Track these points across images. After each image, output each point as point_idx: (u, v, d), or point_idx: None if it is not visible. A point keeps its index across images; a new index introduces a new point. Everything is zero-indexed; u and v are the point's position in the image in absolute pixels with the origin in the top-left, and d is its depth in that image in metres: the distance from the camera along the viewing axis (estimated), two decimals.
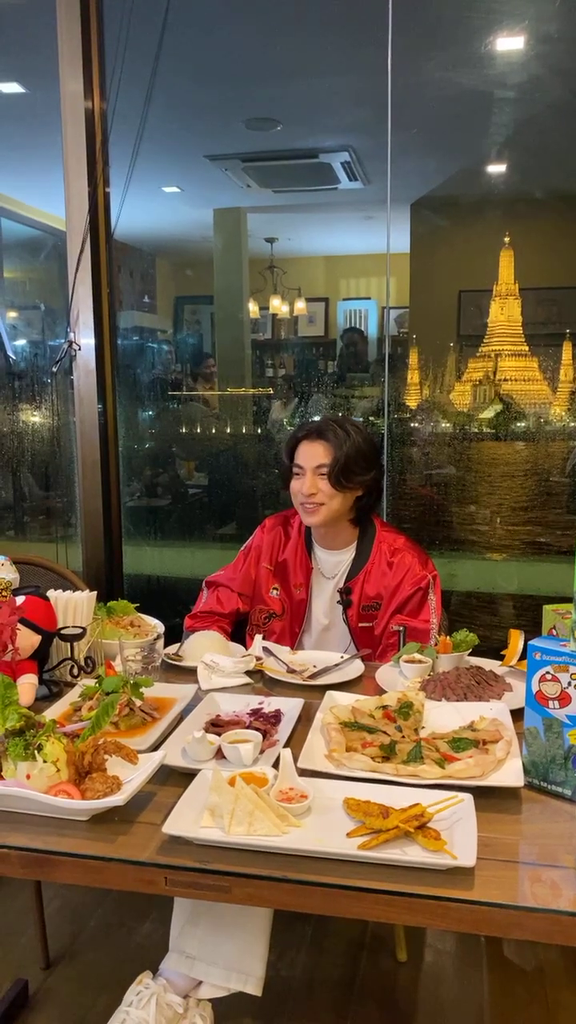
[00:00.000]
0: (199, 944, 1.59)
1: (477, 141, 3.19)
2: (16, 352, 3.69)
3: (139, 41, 2.71)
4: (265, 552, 2.25)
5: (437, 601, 2.05)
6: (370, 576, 2.12)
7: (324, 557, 2.20)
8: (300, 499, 2.09)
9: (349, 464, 2.04)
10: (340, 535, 2.17)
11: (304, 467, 2.08)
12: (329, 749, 1.43)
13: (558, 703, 1.31)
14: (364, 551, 2.15)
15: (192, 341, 4.48)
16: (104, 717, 1.38)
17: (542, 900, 1.08)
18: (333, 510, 2.08)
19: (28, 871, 1.24)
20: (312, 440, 2.08)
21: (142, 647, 1.78)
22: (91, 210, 2.70)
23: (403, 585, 2.08)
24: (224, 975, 1.58)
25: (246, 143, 3.56)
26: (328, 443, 2.06)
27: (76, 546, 3.04)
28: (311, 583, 2.19)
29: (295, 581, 2.20)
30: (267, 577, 2.23)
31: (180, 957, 1.60)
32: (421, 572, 2.08)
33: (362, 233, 4.21)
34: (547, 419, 3.35)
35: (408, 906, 1.09)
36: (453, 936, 2.23)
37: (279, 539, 2.25)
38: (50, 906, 2.31)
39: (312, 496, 2.05)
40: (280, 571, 2.22)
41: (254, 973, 1.58)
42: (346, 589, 2.14)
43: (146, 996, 1.56)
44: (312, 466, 2.06)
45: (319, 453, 2.06)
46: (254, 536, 2.30)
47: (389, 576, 2.10)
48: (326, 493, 2.05)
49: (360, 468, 2.06)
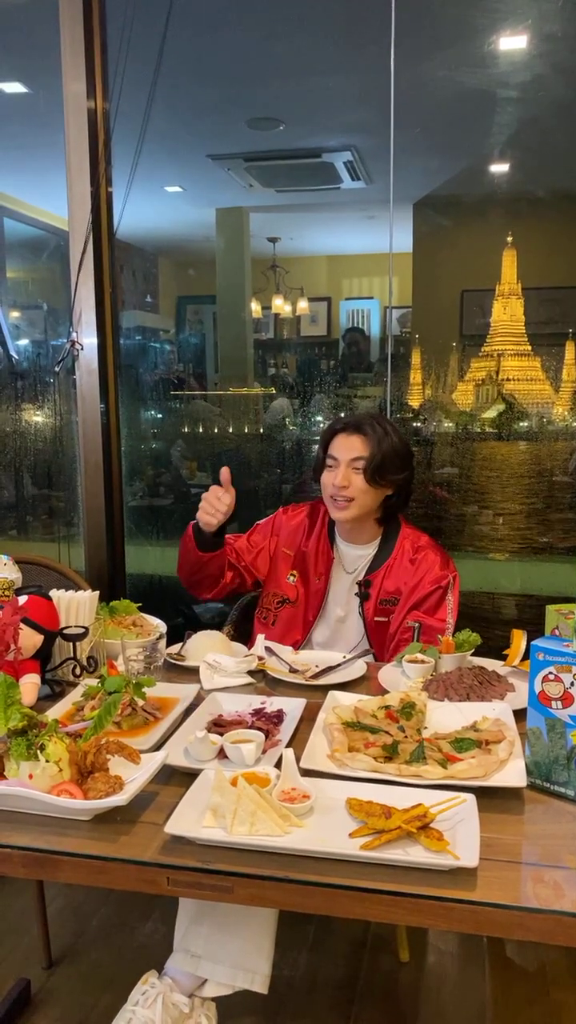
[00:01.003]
0: (204, 942, 1.58)
1: (480, 140, 3.19)
2: (19, 352, 3.70)
3: (141, 41, 2.71)
4: (286, 536, 2.24)
5: (455, 602, 2.05)
6: (391, 571, 2.12)
7: (346, 551, 2.20)
8: (331, 491, 2.07)
9: (386, 461, 2.03)
10: (365, 532, 2.17)
11: (339, 459, 2.06)
12: (331, 749, 1.43)
13: (561, 703, 1.31)
14: (387, 547, 2.15)
15: (194, 341, 4.48)
16: (106, 717, 1.38)
17: (545, 901, 1.08)
18: (363, 506, 2.07)
19: (30, 871, 1.24)
20: (350, 433, 2.08)
21: (144, 647, 1.78)
22: (93, 210, 2.70)
23: (423, 582, 2.08)
24: (230, 973, 1.57)
25: (248, 143, 3.56)
26: (366, 437, 2.05)
27: (79, 546, 3.04)
28: (331, 574, 2.19)
29: (316, 571, 2.19)
30: (285, 561, 2.22)
31: (185, 956, 1.59)
32: (442, 572, 2.08)
33: (365, 233, 4.21)
34: (550, 419, 3.35)
35: (410, 907, 1.09)
36: (455, 936, 2.23)
37: (303, 528, 2.23)
38: (52, 906, 2.31)
39: (344, 489, 2.04)
40: (301, 559, 2.21)
41: (260, 971, 1.57)
42: (366, 582, 2.13)
43: (152, 995, 1.55)
44: (348, 459, 2.05)
45: (356, 446, 2.05)
46: (275, 515, 2.28)
47: (410, 572, 2.10)
48: (359, 487, 2.04)
49: (395, 467, 2.06)
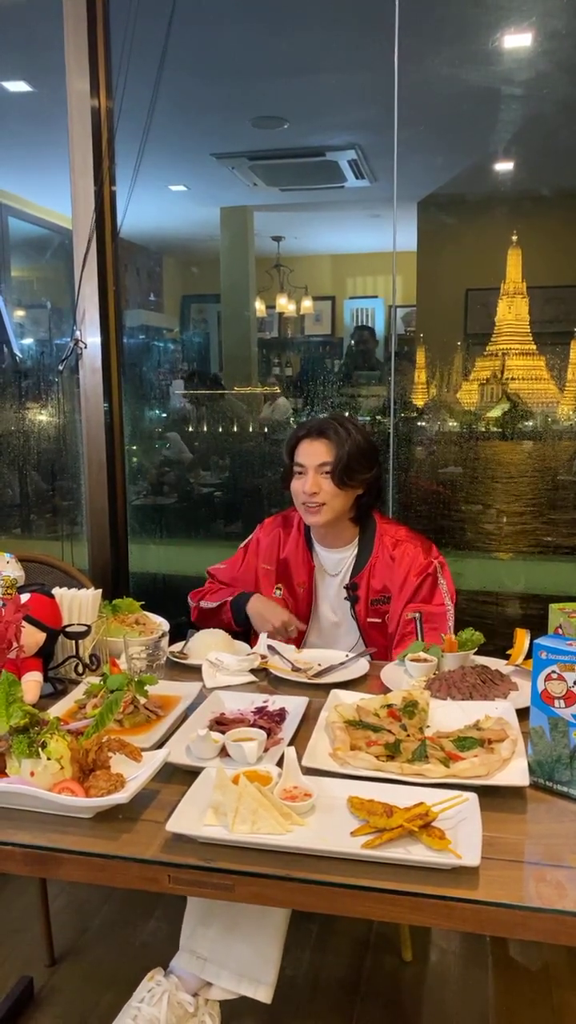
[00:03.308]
0: (211, 945, 1.57)
1: (484, 138, 3.18)
2: (23, 350, 3.70)
3: (145, 39, 2.71)
4: (264, 553, 2.25)
5: (448, 584, 2.06)
6: (375, 570, 2.12)
7: (326, 555, 2.20)
8: (302, 498, 2.08)
9: (351, 462, 2.04)
10: (341, 534, 2.17)
11: (306, 466, 2.07)
12: (333, 748, 1.43)
13: (563, 702, 1.30)
14: (366, 546, 2.15)
15: (198, 340, 4.48)
16: (108, 715, 1.38)
17: (547, 900, 1.07)
18: (336, 509, 2.07)
19: (32, 868, 1.24)
20: (313, 439, 2.08)
21: (147, 645, 1.78)
22: (97, 208, 2.70)
23: (409, 576, 2.08)
24: (235, 980, 1.55)
25: (253, 141, 3.56)
26: (330, 441, 2.05)
27: (82, 544, 3.04)
28: (314, 581, 2.19)
29: (298, 579, 2.19)
30: (267, 578, 2.23)
31: (191, 957, 1.58)
32: (425, 560, 2.08)
33: (369, 231, 4.21)
34: (555, 418, 3.34)
35: (412, 905, 1.08)
36: (458, 936, 2.23)
37: (279, 538, 2.25)
38: (55, 904, 2.32)
39: (314, 495, 2.05)
40: (283, 570, 2.22)
41: (265, 980, 1.54)
42: (352, 585, 2.14)
43: (158, 993, 1.54)
44: (315, 464, 2.06)
45: (321, 452, 2.06)
46: (253, 535, 2.30)
47: (393, 569, 2.10)
48: (329, 492, 2.05)
49: (362, 466, 2.06)
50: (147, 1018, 1.52)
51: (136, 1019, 1.52)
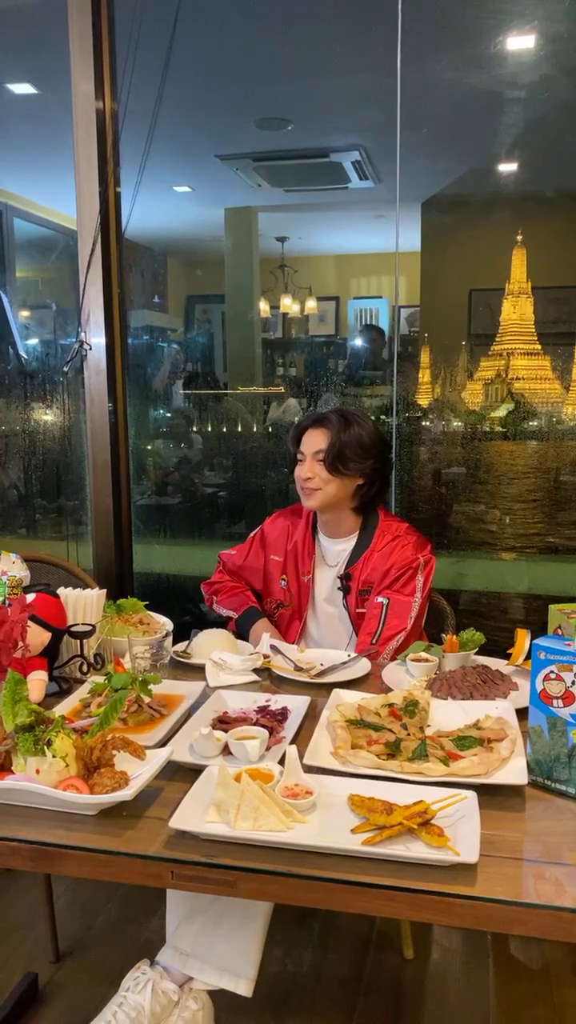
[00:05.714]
0: (193, 941, 1.62)
1: (487, 140, 3.19)
2: (28, 351, 3.72)
3: (150, 41, 2.72)
4: (273, 543, 2.30)
5: (425, 582, 2.09)
6: (368, 561, 2.16)
7: (327, 545, 2.24)
8: (300, 483, 2.16)
9: (344, 450, 2.09)
10: (343, 523, 2.21)
11: (305, 453, 2.15)
12: (335, 746, 1.44)
13: (562, 702, 1.31)
14: (365, 539, 2.19)
15: (203, 340, 4.49)
16: (112, 713, 1.40)
17: (545, 897, 1.09)
18: (329, 495, 2.13)
19: (37, 864, 1.25)
20: (315, 428, 2.16)
21: (151, 644, 1.79)
22: (102, 210, 2.71)
23: (394, 566, 2.12)
24: (216, 975, 1.61)
25: (257, 143, 3.57)
26: (327, 430, 2.12)
27: (87, 544, 3.06)
28: (314, 570, 2.23)
29: (303, 569, 2.24)
30: (276, 569, 2.28)
31: (175, 952, 1.64)
32: (412, 555, 2.12)
33: (372, 232, 4.21)
34: (559, 418, 3.34)
35: (411, 902, 1.10)
36: (459, 933, 2.24)
37: (288, 528, 2.30)
38: (60, 900, 2.33)
39: (309, 480, 2.12)
40: (291, 558, 2.26)
41: (245, 975, 1.60)
42: (346, 575, 2.17)
43: (143, 982, 1.61)
44: (312, 451, 2.13)
45: (319, 439, 2.13)
46: (263, 525, 2.35)
47: (384, 558, 2.14)
48: (322, 478, 2.11)
49: (356, 455, 2.10)
50: (132, 1005, 1.58)
51: (122, 1006, 1.58)
